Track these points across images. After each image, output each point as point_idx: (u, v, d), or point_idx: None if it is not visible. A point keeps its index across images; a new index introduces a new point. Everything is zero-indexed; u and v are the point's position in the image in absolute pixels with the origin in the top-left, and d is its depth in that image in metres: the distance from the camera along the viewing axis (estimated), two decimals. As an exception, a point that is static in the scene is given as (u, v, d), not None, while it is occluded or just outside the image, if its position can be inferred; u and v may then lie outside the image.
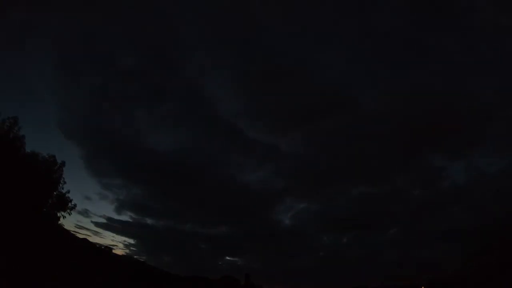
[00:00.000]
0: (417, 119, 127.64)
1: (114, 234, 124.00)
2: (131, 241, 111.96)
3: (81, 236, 54.10)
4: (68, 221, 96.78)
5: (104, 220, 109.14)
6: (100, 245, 56.76)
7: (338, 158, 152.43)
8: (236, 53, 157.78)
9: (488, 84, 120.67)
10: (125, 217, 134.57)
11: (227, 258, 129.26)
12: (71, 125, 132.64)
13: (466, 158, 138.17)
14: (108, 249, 53.88)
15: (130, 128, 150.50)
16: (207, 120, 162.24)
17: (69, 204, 40.60)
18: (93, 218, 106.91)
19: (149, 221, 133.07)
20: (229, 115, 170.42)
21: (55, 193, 39.21)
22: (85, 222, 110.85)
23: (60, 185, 39.50)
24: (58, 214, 40.04)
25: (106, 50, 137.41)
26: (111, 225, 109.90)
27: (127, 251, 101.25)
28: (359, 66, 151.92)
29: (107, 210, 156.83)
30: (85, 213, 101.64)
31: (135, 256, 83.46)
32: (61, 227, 41.36)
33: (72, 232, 48.33)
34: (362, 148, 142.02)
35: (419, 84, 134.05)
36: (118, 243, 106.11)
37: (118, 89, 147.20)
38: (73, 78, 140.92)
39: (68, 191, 40.27)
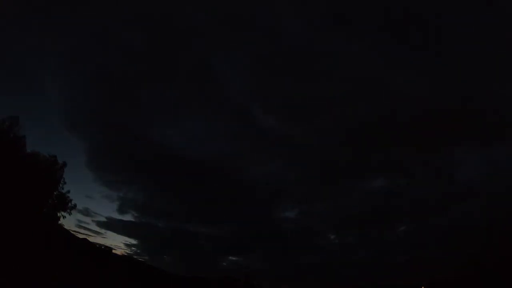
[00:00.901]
0: (436, 111, 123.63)
1: (116, 234, 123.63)
2: (133, 241, 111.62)
3: (82, 236, 54.35)
4: (70, 221, 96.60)
5: (106, 220, 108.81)
6: (100, 245, 56.98)
7: (352, 151, 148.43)
8: (250, 35, 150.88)
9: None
10: (128, 216, 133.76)
11: (231, 258, 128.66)
12: (74, 119, 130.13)
13: (486, 153, 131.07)
14: (108, 249, 54.01)
15: (134, 121, 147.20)
16: (216, 108, 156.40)
17: (69, 204, 40.86)
18: (95, 217, 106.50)
19: (152, 220, 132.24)
20: (240, 103, 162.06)
21: (55, 193, 39.44)
22: (87, 221, 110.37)
23: (61, 185, 39.77)
24: (58, 214, 40.25)
25: (108, 33, 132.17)
26: (113, 225, 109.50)
27: (128, 250, 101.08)
28: (378, 55, 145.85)
29: (110, 209, 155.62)
30: (86, 212, 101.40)
31: (134, 256, 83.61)
32: (61, 227, 41.51)
33: (72, 232, 48.48)
34: (377, 141, 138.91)
35: (441, 74, 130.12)
36: (120, 243, 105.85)
37: (123, 74, 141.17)
38: (76, 69, 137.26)
39: (69, 191, 40.54)
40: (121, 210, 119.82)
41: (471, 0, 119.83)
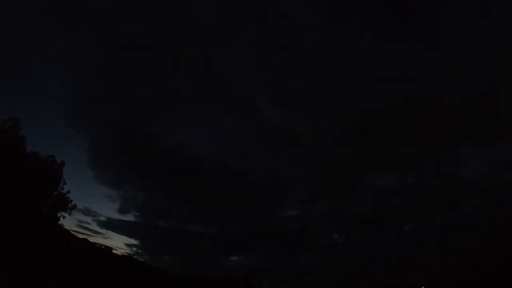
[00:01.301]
0: (437, 111, 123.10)
1: (117, 234, 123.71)
2: (133, 241, 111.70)
3: (82, 236, 54.44)
4: (70, 221, 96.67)
5: (107, 220, 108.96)
6: (100, 245, 57.08)
7: (353, 151, 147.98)
8: (251, 34, 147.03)
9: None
10: (129, 216, 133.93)
11: (231, 258, 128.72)
12: (75, 118, 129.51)
13: (486, 153, 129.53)
14: (108, 249, 54.09)
15: (135, 121, 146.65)
16: (217, 107, 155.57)
17: (69, 204, 40.90)
18: (96, 217, 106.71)
19: (152, 220, 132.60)
20: (240, 103, 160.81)
21: (55, 193, 39.49)
22: (88, 221, 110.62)
23: (60, 185, 39.82)
24: (58, 214, 40.30)
25: (108, 32, 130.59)
26: (114, 225, 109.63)
27: (129, 250, 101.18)
28: (378, 55, 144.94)
29: (110, 209, 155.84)
30: (87, 212, 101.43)
31: (135, 256, 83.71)
32: (61, 227, 41.56)
33: (72, 232, 48.52)
34: (377, 140, 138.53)
35: (442, 74, 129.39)
36: (120, 243, 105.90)
37: (124, 73, 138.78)
38: (76, 68, 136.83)
39: (69, 191, 40.59)
40: (122, 210, 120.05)
41: (471, 0, 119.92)
